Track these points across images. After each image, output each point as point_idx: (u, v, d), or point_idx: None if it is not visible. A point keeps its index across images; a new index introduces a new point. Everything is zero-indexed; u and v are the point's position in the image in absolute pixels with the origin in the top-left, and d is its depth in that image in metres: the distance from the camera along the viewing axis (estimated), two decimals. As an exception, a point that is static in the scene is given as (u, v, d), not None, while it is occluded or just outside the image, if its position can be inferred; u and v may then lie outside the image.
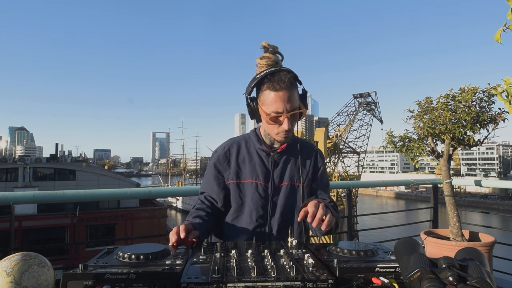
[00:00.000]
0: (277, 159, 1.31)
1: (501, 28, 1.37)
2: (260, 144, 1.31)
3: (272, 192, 1.27)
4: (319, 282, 0.72)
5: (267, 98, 1.18)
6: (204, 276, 0.74)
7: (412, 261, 0.68)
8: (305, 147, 1.39)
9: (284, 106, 1.17)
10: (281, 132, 1.22)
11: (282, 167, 1.30)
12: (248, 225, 1.25)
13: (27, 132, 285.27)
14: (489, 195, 65.05)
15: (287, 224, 1.27)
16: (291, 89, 1.17)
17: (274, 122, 1.21)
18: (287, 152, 1.32)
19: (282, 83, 1.15)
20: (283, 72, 1.17)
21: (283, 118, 1.19)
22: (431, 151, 2.70)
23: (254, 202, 1.25)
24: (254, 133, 1.35)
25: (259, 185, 1.27)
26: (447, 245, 2.45)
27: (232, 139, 1.39)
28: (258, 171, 1.28)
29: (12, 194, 1.86)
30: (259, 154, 1.31)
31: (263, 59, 1.23)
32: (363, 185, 4.60)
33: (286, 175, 1.30)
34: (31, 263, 0.78)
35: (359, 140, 28.34)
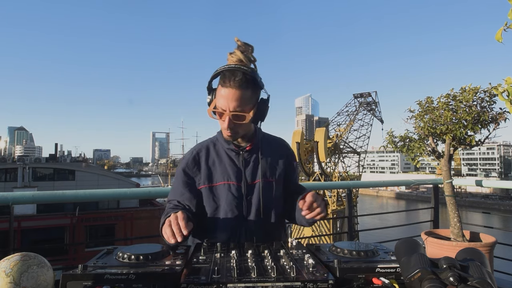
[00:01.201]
0: (247, 158, 1.29)
1: (502, 27, 1.36)
2: (228, 144, 1.29)
3: (246, 191, 1.26)
4: (319, 283, 0.72)
5: (218, 92, 1.20)
6: (204, 277, 0.74)
7: (413, 262, 0.67)
8: (274, 142, 1.39)
9: (227, 104, 1.16)
10: (224, 129, 1.22)
11: (253, 165, 1.29)
12: (225, 226, 1.23)
13: (26, 132, 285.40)
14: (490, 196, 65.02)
15: (264, 221, 1.27)
16: (241, 89, 1.15)
17: (219, 117, 1.21)
18: (257, 149, 1.31)
19: (233, 81, 1.14)
20: (239, 71, 1.15)
21: (224, 116, 1.18)
22: (432, 151, 2.69)
23: (229, 203, 1.24)
24: (221, 134, 1.32)
25: (232, 185, 1.25)
26: (447, 245, 2.45)
27: (200, 143, 1.37)
28: (230, 171, 1.27)
29: (11, 194, 1.86)
30: (228, 154, 1.29)
31: (232, 55, 1.21)
32: (363, 185, 4.60)
33: (258, 173, 1.28)
34: (30, 263, 0.78)
35: (359, 140, 28.33)
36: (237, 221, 1.24)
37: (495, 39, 1.38)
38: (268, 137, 1.39)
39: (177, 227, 0.99)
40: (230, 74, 1.15)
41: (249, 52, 1.23)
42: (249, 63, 1.21)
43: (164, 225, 1.03)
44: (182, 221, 1.00)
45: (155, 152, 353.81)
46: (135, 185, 22.62)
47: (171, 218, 1.03)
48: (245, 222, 1.25)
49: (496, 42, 1.37)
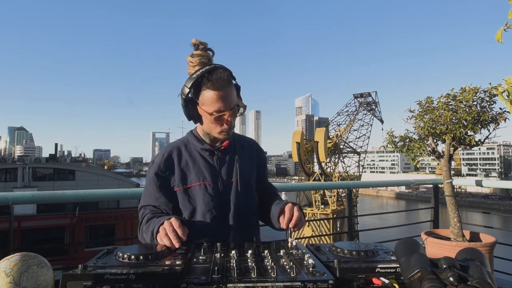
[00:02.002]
0: (222, 157, 1.29)
1: (502, 27, 1.36)
2: (202, 144, 1.28)
3: (223, 190, 1.25)
4: (319, 283, 0.72)
5: (207, 98, 1.16)
6: (204, 277, 0.74)
7: (413, 262, 0.67)
8: (244, 141, 1.41)
9: (226, 104, 1.16)
10: (224, 130, 1.21)
11: (228, 164, 1.29)
12: (205, 228, 1.21)
13: (26, 132, 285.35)
14: (490, 196, 65.04)
15: (244, 219, 1.27)
16: (230, 86, 1.17)
17: (217, 121, 1.19)
18: (231, 148, 1.31)
19: (222, 81, 1.14)
20: (220, 70, 1.16)
21: (226, 116, 1.18)
22: (432, 151, 2.69)
23: (206, 204, 1.22)
24: (192, 135, 1.31)
25: (208, 185, 1.24)
26: (447, 245, 2.45)
27: (170, 144, 1.33)
28: (204, 172, 1.25)
29: (11, 194, 1.86)
30: (202, 154, 1.28)
31: (196, 57, 1.19)
32: (363, 185, 4.60)
33: (233, 171, 1.28)
34: (30, 263, 0.78)
35: (359, 140, 28.34)
36: (217, 221, 1.22)
37: (495, 39, 1.38)
38: (238, 137, 1.40)
39: (174, 234, 0.99)
40: (216, 75, 1.14)
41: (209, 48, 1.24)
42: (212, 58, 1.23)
43: (160, 234, 1.02)
44: (179, 228, 1.00)
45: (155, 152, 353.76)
46: (135, 185, 22.62)
47: (165, 226, 1.02)
48: (225, 221, 1.24)
49: (496, 42, 1.38)
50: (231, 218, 1.24)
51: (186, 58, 1.22)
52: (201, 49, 1.21)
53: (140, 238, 1.22)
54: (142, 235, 1.18)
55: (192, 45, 1.23)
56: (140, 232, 1.21)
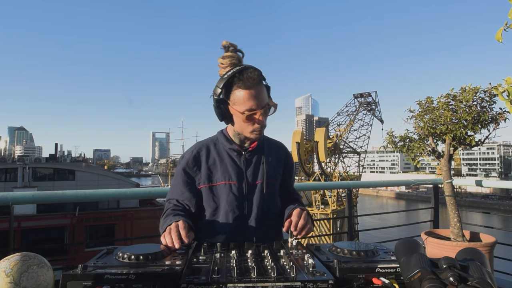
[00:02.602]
0: (249, 158, 1.30)
1: (502, 27, 1.36)
2: (231, 144, 1.29)
3: (247, 191, 1.26)
4: (319, 283, 0.72)
5: (238, 97, 1.17)
6: (204, 277, 0.74)
7: (413, 262, 0.67)
8: (273, 145, 1.40)
9: (258, 103, 1.17)
10: (256, 129, 1.22)
11: (254, 166, 1.29)
12: (226, 227, 1.23)
13: (26, 132, 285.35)
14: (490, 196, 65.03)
15: (265, 221, 1.27)
16: (260, 86, 1.19)
17: (249, 120, 1.20)
18: (258, 150, 1.31)
19: (252, 80, 1.15)
20: (251, 69, 1.17)
21: (258, 115, 1.19)
22: (432, 151, 2.69)
23: (230, 203, 1.23)
24: (222, 134, 1.32)
25: (233, 185, 1.25)
26: (447, 245, 2.45)
27: (199, 142, 1.36)
28: (231, 171, 1.26)
29: (11, 194, 1.86)
30: (229, 154, 1.29)
31: (226, 59, 1.21)
32: (363, 185, 4.60)
33: (259, 173, 1.29)
34: (30, 263, 0.78)
35: (359, 140, 28.34)
36: (238, 222, 1.24)
37: (495, 39, 1.38)
38: (268, 139, 1.40)
39: (176, 235, 1.00)
40: (247, 75, 1.16)
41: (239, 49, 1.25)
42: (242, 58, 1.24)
43: (165, 232, 1.04)
44: (183, 230, 1.01)
45: (155, 152, 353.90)
46: (135, 185, 22.62)
47: (172, 226, 1.04)
48: (246, 223, 1.25)
49: (496, 42, 1.37)
50: (253, 219, 1.25)
51: (217, 60, 1.24)
52: (231, 50, 1.23)
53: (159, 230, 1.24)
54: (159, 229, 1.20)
55: (223, 47, 1.24)
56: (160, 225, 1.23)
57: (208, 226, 1.25)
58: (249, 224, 1.25)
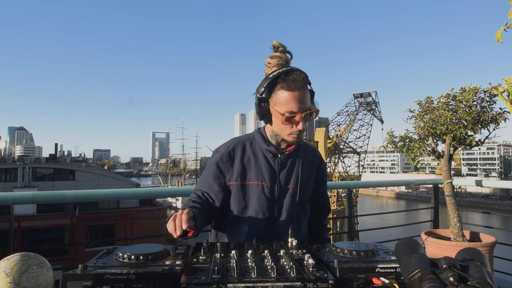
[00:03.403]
0: (284, 161, 1.28)
1: (502, 27, 1.36)
2: (268, 145, 1.28)
3: (278, 195, 1.26)
4: (319, 283, 0.72)
5: (281, 98, 1.16)
6: (204, 277, 0.74)
7: (413, 262, 0.67)
8: (309, 149, 1.39)
9: (299, 106, 1.16)
10: (294, 133, 1.20)
11: (288, 169, 1.28)
12: (254, 227, 1.23)
13: (26, 132, 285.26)
14: (490, 196, 65.03)
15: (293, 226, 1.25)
16: (304, 89, 1.17)
17: (288, 123, 1.18)
18: (294, 154, 1.30)
19: (297, 82, 1.14)
20: (297, 72, 1.16)
21: (298, 118, 1.17)
22: (432, 151, 2.69)
23: (260, 204, 1.23)
24: (259, 134, 1.31)
25: (265, 187, 1.24)
26: (447, 245, 2.45)
27: (235, 138, 1.34)
28: (264, 172, 1.25)
29: (11, 194, 1.86)
30: (265, 155, 1.28)
31: (274, 59, 1.20)
32: (363, 185, 4.61)
33: (292, 178, 1.28)
34: (30, 263, 0.78)
35: (359, 140, 28.34)
36: (266, 223, 1.23)
37: (495, 39, 1.38)
38: (304, 144, 1.39)
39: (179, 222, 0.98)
40: (292, 77, 1.15)
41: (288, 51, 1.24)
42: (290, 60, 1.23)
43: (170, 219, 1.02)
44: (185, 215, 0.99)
45: (155, 152, 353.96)
46: (135, 185, 22.62)
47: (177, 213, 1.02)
48: (274, 225, 1.24)
49: (496, 42, 1.37)
50: (281, 223, 1.25)
51: (265, 60, 1.23)
52: (280, 51, 1.22)
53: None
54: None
55: (272, 47, 1.23)
56: None
57: (235, 224, 1.25)
58: (276, 227, 1.24)
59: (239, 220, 1.25)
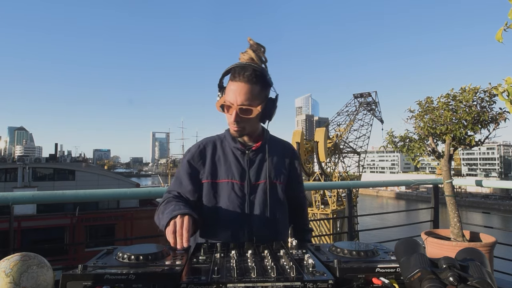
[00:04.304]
0: (253, 157, 1.30)
1: (502, 27, 1.36)
2: (235, 142, 1.30)
3: (249, 191, 1.26)
4: (319, 283, 0.72)
5: (227, 88, 1.22)
6: (204, 277, 0.74)
7: (413, 262, 0.67)
8: (280, 144, 1.40)
9: (236, 98, 1.17)
10: (230, 124, 1.24)
11: (258, 165, 1.29)
12: (226, 225, 1.22)
13: (26, 132, 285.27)
14: (490, 196, 65.03)
15: (267, 222, 1.26)
16: (250, 84, 1.17)
17: (226, 111, 1.22)
18: (263, 150, 1.31)
19: (242, 75, 1.17)
20: (249, 67, 1.18)
21: (231, 110, 1.20)
22: (432, 151, 2.69)
23: (231, 202, 1.23)
24: (229, 132, 1.32)
25: (235, 184, 1.25)
26: (447, 245, 2.45)
27: (206, 138, 1.37)
28: (234, 170, 1.27)
29: (11, 194, 1.86)
30: (234, 153, 1.30)
31: (244, 54, 1.23)
32: (363, 185, 4.61)
33: (262, 173, 1.28)
34: (30, 263, 0.78)
35: (359, 140, 28.34)
36: (239, 220, 1.23)
37: (496, 39, 1.38)
38: (274, 139, 1.40)
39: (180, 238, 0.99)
40: (240, 70, 1.18)
41: (261, 52, 1.24)
42: (260, 62, 1.23)
43: (169, 229, 1.01)
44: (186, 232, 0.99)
45: (155, 152, 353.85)
46: (135, 185, 22.62)
47: (177, 222, 1.01)
48: (247, 222, 1.24)
49: (496, 42, 1.37)
50: (254, 219, 1.24)
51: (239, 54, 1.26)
52: (251, 48, 1.24)
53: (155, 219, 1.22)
54: (158, 215, 1.19)
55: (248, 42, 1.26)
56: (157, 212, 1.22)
57: (207, 223, 1.24)
58: (250, 223, 1.24)
59: (211, 219, 1.25)
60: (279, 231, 1.30)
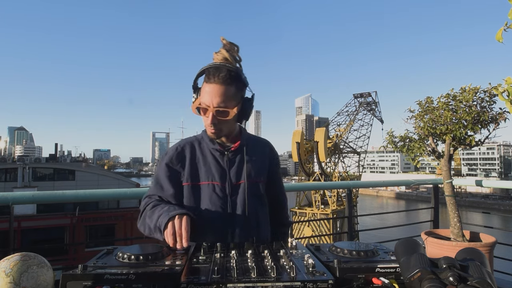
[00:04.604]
0: (232, 158, 1.29)
1: (502, 27, 1.36)
2: (214, 144, 1.28)
3: (230, 192, 1.25)
4: (319, 283, 0.72)
5: (202, 89, 1.20)
6: (204, 277, 0.74)
7: (413, 262, 0.67)
8: (258, 143, 1.40)
9: (211, 100, 1.17)
10: (207, 126, 1.22)
11: (237, 166, 1.28)
12: (209, 227, 1.21)
13: (26, 132, 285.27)
14: (490, 195, 65.05)
15: (250, 222, 1.26)
16: (225, 85, 1.16)
17: (203, 114, 1.21)
18: (241, 150, 1.30)
19: (217, 77, 1.15)
20: (223, 68, 1.17)
21: (207, 112, 1.19)
22: (432, 151, 2.69)
23: (213, 204, 1.22)
24: (206, 133, 1.31)
25: (216, 185, 1.24)
26: (447, 245, 2.45)
27: (184, 139, 1.35)
28: (214, 171, 1.25)
29: (12, 194, 1.86)
30: (213, 154, 1.28)
31: (217, 54, 1.22)
32: (363, 185, 4.61)
33: (242, 173, 1.28)
34: (30, 263, 0.78)
35: (359, 140, 28.34)
36: (222, 222, 1.22)
37: (496, 39, 1.38)
38: (253, 138, 1.39)
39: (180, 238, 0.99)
40: (214, 71, 1.16)
41: (235, 51, 1.23)
42: (234, 62, 1.22)
43: (168, 230, 1.01)
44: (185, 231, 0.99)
45: (155, 152, 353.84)
46: (135, 185, 22.61)
47: (175, 223, 1.01)
48: (230, 223, 1.24)
49: (497, 42, 1.37)
50: (237, 219, 1.24)
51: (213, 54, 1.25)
52: (224, 48, 1.23)
53: (139, 225, 1.20)
54: (145, 219, 1.16)
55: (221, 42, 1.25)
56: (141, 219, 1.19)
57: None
58: (232, 224, 1.24)
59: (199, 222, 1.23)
60: (262, 229, 1.31)
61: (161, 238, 1.06)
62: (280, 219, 1.46)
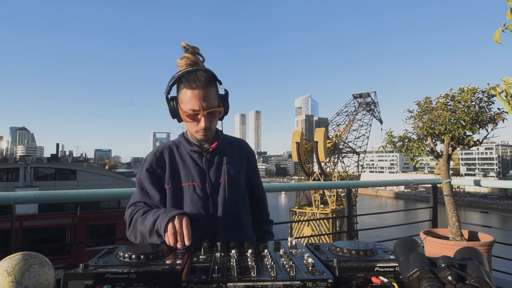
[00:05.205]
0: (211, 158, 1.31)
1: (500, 28, 1.37)
2: (191, 146, 1.30)
3: (211, 191, 1.27)
4: (318, 282, 0.73)
5: (184, 96, 1.20)
6: (204, 276, 0.75)
7: (412, 261, 0.68)
8: (234, 142, 1.42)
9: (200, 104, 1.18)
10: (200, 130, 1.23)
11: (216, 165, 1.30)
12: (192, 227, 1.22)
13: (28, 132, 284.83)
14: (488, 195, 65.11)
15: (233, 220, 1.27)
16: (207, 88, 1.19)
17: (192, 120, 1.22)
18: (219, 150, 1.32)
19: (198, 81, 1.17)
20: (200, 71, 1.19)
21: (200, 116, 1.20)
22: (431, 151, 2.70)
23: (194, 204, 1.24)
24: (183, 137, 1.34)
25: (196, 186, 1.26)
26: (446, 244, 2.45)
27: (162, 144, 1.37)
28: (193, 173, 1.27)
29: (13, 194, 1.87)
30: (191, 156, 1.30)
31: (183, 59, 1.23)
32: (362, 185, 4.60)
33: (222, 172, 1.30)
34: (31, 262, 0.79)
35: (358, 140, 28.35)
36: (204, 222, 1.23)
37: (494, 40, 1.38)
38: (228, 138, 1.42)
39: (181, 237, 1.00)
40: (194, 76, 1.18)
41: (199, 53, 1.25)
42: (202, 63, 1.25)
43: (169, 231, 1.02)
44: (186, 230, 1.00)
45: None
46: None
47: (176, 223, 1.02)
48: (212, 222, 1.25)
49: (495, 43, 1.38)
50: (219, 219, 1.25)
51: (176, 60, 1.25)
52: (189, 52, 1.24)
53: (129, 234, 1.20)
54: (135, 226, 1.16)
55: (182, 47, 1.25)
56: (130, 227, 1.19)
57: None
58: (215, 223, 1.25)
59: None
60: (245, 227, 1.33)
61: (158, 241, 1.08)
62: (261, 215, 1.49)
